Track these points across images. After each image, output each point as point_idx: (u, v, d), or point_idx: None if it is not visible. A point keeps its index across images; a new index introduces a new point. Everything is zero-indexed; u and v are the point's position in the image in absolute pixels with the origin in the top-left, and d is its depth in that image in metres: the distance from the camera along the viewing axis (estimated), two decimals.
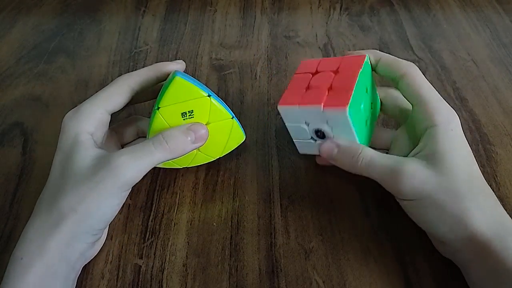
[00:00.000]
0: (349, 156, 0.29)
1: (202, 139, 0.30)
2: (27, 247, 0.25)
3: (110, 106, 0.29)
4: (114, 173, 0.26)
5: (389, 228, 0.31)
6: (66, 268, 0.26)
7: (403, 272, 0.29)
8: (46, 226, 0.25)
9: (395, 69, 0.30)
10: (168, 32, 0.50)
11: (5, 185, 0.35)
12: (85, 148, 0.27)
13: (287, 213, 0.33)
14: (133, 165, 0.26)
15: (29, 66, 0.46)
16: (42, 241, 0.25)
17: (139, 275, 0.29)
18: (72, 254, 0.26)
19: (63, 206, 0.25)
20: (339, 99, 0.27)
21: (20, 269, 0.24)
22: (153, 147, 0.27)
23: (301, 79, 0.31)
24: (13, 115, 0.41)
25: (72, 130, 0.28)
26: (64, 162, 0.27)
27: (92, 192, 0.26)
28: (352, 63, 0.30)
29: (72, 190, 0.26)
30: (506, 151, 0.36)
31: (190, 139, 0.29)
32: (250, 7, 0.53)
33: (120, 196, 0.27)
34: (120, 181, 0.26)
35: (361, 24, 0.50)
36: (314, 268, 0.29)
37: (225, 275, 0.29)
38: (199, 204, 0.33)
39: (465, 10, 0.52)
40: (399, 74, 0.29)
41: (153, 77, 0.31)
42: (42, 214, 0.26)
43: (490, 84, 0.43)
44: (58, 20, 0.52)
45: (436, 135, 0.27)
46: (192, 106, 0.29)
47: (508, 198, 0.33)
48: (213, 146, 0.32)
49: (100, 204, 0.26)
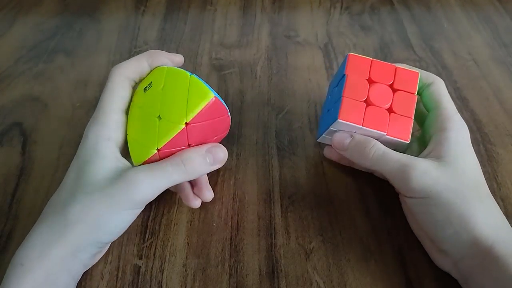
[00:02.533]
0: (362, 147, 0.29)
1: (220, 162, 0.29)
2: (28, 253, 0.25)
3: (117, 104, 0.28)
4: (129, 188, 0.25)
5: (389, 228, 0.31)
6: (66, 279, 0.26)
7: (403, 272, 0.29)
8: (50, 233, 0.25)
9: (424, 79, 0.31)
10: (168, 32, 0.50)
11: (4, 185, 0.35)
12: (103, 158, 0.26)
13: (287, 214, 0.32)
14: (149, 184, 0.26)
15: (28, 66, 0.46)
16: (44, 248, 0.24)
17: (139, 275, 0.29)
18: (74, 264, 0.26)
19: (71, 214, 0.25)
20: (401, 128, 0.29)
21: (19, 275, 0.24)
22: (170, 168, 0.27)
23: (357, 84, 0.30)
24: (12, 115, 0.41)
25: (92, 138, 0.27)
26: (80, 170, 0.26)
27: (103, 204, 0.25)
28: (407, 81, 0.30)
29: (82, 199, 0.25)
30: (507, 151, 0.36)
31: (208, 161, 0.28)
32: (250, 7, 0.53)
33: (132, 213, 0.27)
34: (134, 197, 0.26)
35: (361, 24, 0.50)
36: (315, 268, 0.29)
37: (225, 276, 0.29)
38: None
39: (466, 10, 0.52)
40: (427, 83, 0.31)
41: (145, 66, 0.30)
42: (48, 220, 0.26)
43: (491, 84, 0.42)
44: (58, 19, 0.52)
45: (447, 139, 0.28)
46: (150, 78, 0.29)
47: (509, 198, 0.33)
48: (174, 108, 0.28)
49: (110, 217, 0.26)
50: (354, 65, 0.30)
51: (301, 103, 0.41)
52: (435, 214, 0.26)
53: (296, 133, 0.38)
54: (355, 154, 0.30)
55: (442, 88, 0.31)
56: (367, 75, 0.30)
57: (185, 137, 0.27)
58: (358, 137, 0.30)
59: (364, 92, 0.29)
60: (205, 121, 0.28)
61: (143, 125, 0.28)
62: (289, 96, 0.42)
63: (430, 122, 0.30)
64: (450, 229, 0.26)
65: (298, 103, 0.41)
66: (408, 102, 0.29)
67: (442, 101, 0.30)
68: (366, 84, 0.30)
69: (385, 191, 0.33)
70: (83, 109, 0.41)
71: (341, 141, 0.30)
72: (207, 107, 0.27)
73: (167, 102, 0.27)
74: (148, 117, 0.28)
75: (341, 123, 0.29)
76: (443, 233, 0.26)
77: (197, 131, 0.28)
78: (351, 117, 0.29)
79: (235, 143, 0.37)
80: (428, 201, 0.27)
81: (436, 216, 0.26)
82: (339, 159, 0.35)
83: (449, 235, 0.26)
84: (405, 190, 0.28)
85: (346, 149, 0.30)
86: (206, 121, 0.28)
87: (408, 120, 0.29)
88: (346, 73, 0.30)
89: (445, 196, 0.26)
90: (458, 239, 0.26)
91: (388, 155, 0.28)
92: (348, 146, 0.30)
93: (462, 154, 0.28)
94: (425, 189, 0.26)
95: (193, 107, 0.27)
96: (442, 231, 0.26)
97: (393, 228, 0.31)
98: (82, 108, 0.41)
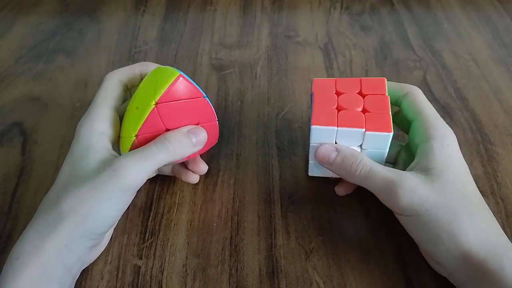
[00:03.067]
0: (348, 163, 0.28)
1: (202, 142, 0.30)
2: (24, 246, 0.25)
3: (111, 101, 0.30)
4: (116, 174, 0.25)
5: (389, 228, 0.31)
6: (62, 272, 0.26)
7: (403, 272, 0.29)
8: (44, 226, 0.25)
9: (399, 90, 0.31)
10: (168, 32, 0.50)
11: (4, 185, 0.35)
12: (96, 151, 0.27)
13: (287, 214, 0.32)
14: (136, 167, 0.26)
15: (28, 66, 0.46)
16: (39, 241, 0.25)
17: (139, 275, 0.29)
18: (69, 258, 0.26)
19: (63, 206, 0.25)
20: (380, 123, 0.28)
21: (15, 269, 0.24)
22: (155, 149, 0.27)
23: (326, 98, 0.30)
24: (12, 115, 0.41)
25: (85, 133, 0.28)
26: (74, 165, 0.27)
27: (93, 193, 0.25)
28: (374, 86, 0.30)
29: (74, 191, 0.26)
30: (507, 151, 0.36)
31: (191, 142, 0.29)
32: (250, 7, 0.53)
33: (123, 200, 0.27)
34: (123, 182, 0.26)
35: (361, 24, 0.50)
36: (315, 268, 0.29)
37: (225, 276, 0.29)
38: (199, 205, 0.33)
39: (466, 10, 0.52)
40: (403, 94, 0.31)
41: (137, 73, 0.31)
42: (42, 214, 0.26)
43: (491, 84, 0.42)
44: (58, 19, 0.52)
45: (432, 149, 0.27)
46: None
47: (509, 199, 0.33)
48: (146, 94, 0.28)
49: (101, 206, 0.26)
50: (320, 85, 0.31)
51: (301, 103, 0.41)
52: (425, 232, 0.26)
53: (296, 133, 0.38)
54: (341, 171, 0.29)
55: (420, 95, 0.30)
56: (334, 89, 0.31)
57: (159, 119, 0.28)
58: (344, 151, 0.28)
59: (333, 101, 0.30)
60: (174, 100, 0.28)
61: (127, 120, 0.29)
62: (289, 96, 0.42)
63: (414, 132, 0.30)
64: (441, 245, 0.25)
65: (298, 103, 0.41)
66: (381, 102, 0.29)
67: (421, 109, 0.29)
68: (334, 96, 0.30)
69: None
70: (83, 109, 0.40)
71: (326, 155, 0.29)
72: (174, 85, 0.27)
73: (142, 93, 0.29)
74: (130, 112, 0.29)
75: (316, 129, 0.28)
76: (434, 249, 0.26)
77: (169, 112, 0.28)
78: (324, 121, 0.28)
79: (235, 143, 0.37)
80: (418, 219, 0.26)
81: (427, 233, 0.26)
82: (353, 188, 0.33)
83: (440, 251, 0.26)
84: (394, 208, 0.27)
85: (331, 163, 0.29)
86: (177, 101, 0.28)
87: (386, 115, 0.28)
88: (313, 91, 0.31)
89: (434, 213, 0.25)
90: (450, 254, 0.25)
91: (375, 171, 0.27)
92: (333, 161, 0.29)
93: (450, 163, 0.27)
94: (413, 207, 0.26)
95: (160, 87, 0.27)
96: (434, 247, 0.26)
97: (393, 228, 0.31)
98: (82, 108, 0.41)
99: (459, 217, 0.25)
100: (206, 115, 0.30)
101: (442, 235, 0.25)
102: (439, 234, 0.25)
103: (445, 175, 0.26)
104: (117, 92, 0.30)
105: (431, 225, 0.25)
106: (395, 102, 0.32)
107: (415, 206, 0.26)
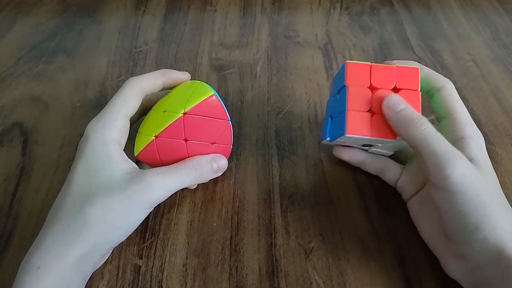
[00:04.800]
0: (416, 118, 0.26)
1: (222, 169, 0.32)
2: (45, 255, 0.24)
3: (128, 110, 0.29)
4: (149, 189, 0.27)
5: (389, 228, 0.31)
6: (78, 279, 0.26)
7: (403, 272, 0.29)
8: (66, 235, 0.25)
9: (433, 82, 0.30)
10: (168, 32, 0.50)
11: (4, 185, 0.35)
12: (116, 161, 0.27)
13: (287, 213, 0.33)
14: (165, 185, 0.28)
15: (28, 66, 0.46)
16: (61, 250, 0.25)
17: (139, 275, 0.29)
18: (87, 265, 0.26)
19: (91, 215, 0.25)
20: None
21: (35, 278, 0.24)
22: (184, 171, 0.29)
23: (359, 95, 0.29)
24: (13, 115, 0.41)
25: (99, 140, 0.27)
26: (92, 172, 0.27)
27: (123, 203, 0.26)
28: (408, 79, 0.29)
29: (101, 201, 0.26)
30: (506, 151, 0.36)
31: (213, 168, 0.31)
32: (250, 7, 0.53)
33: (145, 213, 0.28)
34: (152, 198, 0.27)
35: (361, 24, 0.50)
36: (314, 268, 0.29)
37: (225, 276, 0.29)
38: (199, 204, 0.33)
39: (466, 10, 0.52)
40: (437, 87, 0.30)
41: (159, 82, 0.31)
42: (63, 221, 0.26)
43: (491, 84, 0.43)
44: (58, 20, 0.52)
45: (469, 145, 0.27)
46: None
47: (509, 199, 0.33)
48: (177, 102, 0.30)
49: (128, 217, 0.27)
50: (354, 74, 0.29)
51: (301, 103, 0.41)
52: (467, 214, 0.25)
53: (296, 133, 0.38)
54: (406, 122, 0.27)
55: (454, 93, 0.29)
56: (368, 82, 0.29)
57: (182, 128, 0.29)
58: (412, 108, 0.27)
59: (367, 101, 0.28)
60: (202, 115, 0.29)
61: (151, 119, 0.30)
62: (289, 96, 0.42)
63: (443, 130, 0.28)
64: (480, 233, 0.24)
65: (298, 103, 0.41)
66: (413, 101, 0.28)
67: (456, 108, 0.29)
68: (368, 93, 0.29)
69: (385, 191, 0.33)
70: (83, 109, 0.41)
71: (397, 104, 0.27)
72: (206, 102, 0.29)
73: (173, 99, 0.30)
74: (156, 113, 0.30)
75: (348, 137, 0.28)
76: (471, 236, 0.25)
77: (193, 124, 0.29)
78: (358, 130, 0.28)
79: (235, 143, 0.37)
80: (463, 198, 0.24)
81: (469, 216, 0.24)
82: (349, 159, 0.33)
83: (476, 239, 0.24)
84: (441, 180, 0.25)
85: (400, 111, 0.27)
86: (203, 117, 0.29)
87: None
88: (347, 83, 0.29)
89: (481, 195, 0.24)
90: (486, 244, 0.24)
91: (439, 136, 0.26)
92: (402, 110, 0.27)
93: (487, 160, 0.27)
94: (464, 183, 0.24)
95: (193, 100, 0.29)
96: (471, 234, 0.25)
97: (393, 228, 0.31)
98: (83, 108, 0.41)
99: (501, 209, 0.25)
100: (225, 137, 0.32)
101: (484, 221, 0.24)
102: (480, 220, 0.24)
103: (487, 168, 0.26)
104: (135, 102, 0.30)
105: (477, 208, 0.24)
106: (426, 92, 0.30)
107: (466, 183, 0.24)
